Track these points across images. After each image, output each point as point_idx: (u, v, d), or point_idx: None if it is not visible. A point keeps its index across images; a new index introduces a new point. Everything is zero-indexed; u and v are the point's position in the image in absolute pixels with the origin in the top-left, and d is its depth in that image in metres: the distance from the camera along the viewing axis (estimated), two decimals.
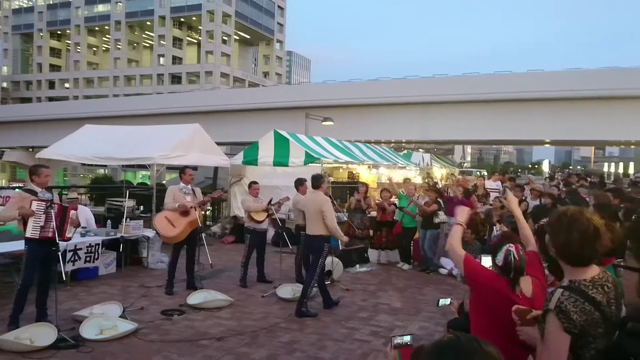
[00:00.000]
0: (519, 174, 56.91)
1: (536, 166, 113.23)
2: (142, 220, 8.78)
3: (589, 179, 15.44)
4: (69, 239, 5.61)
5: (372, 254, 9.69)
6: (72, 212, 5.50)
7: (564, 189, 11.81)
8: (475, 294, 2.64)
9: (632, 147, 48.45)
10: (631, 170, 55.68)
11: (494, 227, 4.72)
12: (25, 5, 75.09)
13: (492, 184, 13.80)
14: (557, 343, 1.90)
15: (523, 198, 9.46)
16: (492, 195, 12.30)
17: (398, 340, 1.96)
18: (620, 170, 67.64)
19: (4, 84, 71.84)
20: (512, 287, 2.53)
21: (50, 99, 66.82)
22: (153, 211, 10.34)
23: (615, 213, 3.65)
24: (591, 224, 1.99)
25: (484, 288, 2.54)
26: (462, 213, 2.99)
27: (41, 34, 73.23)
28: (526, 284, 2.59)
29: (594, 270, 1.99)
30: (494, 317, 2.49)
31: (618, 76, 23.59)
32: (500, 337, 2.36)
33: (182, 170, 7.52)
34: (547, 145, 43.02)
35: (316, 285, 6.54)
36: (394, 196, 9.98)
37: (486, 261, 3.61)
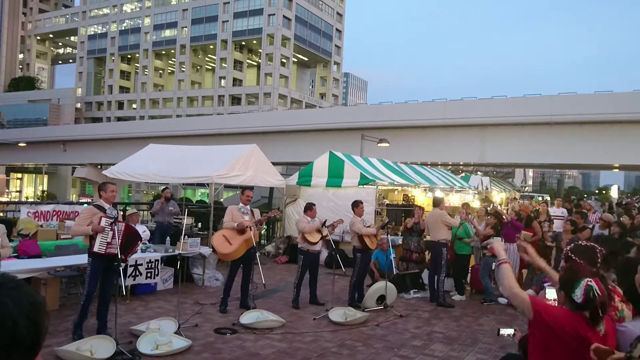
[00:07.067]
0: (583, 199, 54.04)
1: (603, 191, 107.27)
2: (199, 238, 8.99)
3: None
4: (127, 260, 5.89)
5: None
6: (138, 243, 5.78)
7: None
8: (543, 333, 2.40)
9: None
10: None
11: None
12: (99, 32, 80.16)
13: (556, 210, 13.18)
14: None
15: (590, 227, 9.00)
16: (557, 222, 11.76)
17: None
18: None
19: (78, 105, 76.63)
20: (589, 325, 2.31)
21: (119, 118, 70.64)
22: (210, 229, 10.59)
23: None
24: None
25: (558, 329, 2.31)
26: (500, 250, 2.84)
27: (113, 57, 77.79)
28: None
29: None
30: (566, 357, 2.29)
31: None
32: None
33: (242, 191, 7.75)
34: (616, 170, 40.68)
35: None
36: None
37: (551, 294, 3.37)
